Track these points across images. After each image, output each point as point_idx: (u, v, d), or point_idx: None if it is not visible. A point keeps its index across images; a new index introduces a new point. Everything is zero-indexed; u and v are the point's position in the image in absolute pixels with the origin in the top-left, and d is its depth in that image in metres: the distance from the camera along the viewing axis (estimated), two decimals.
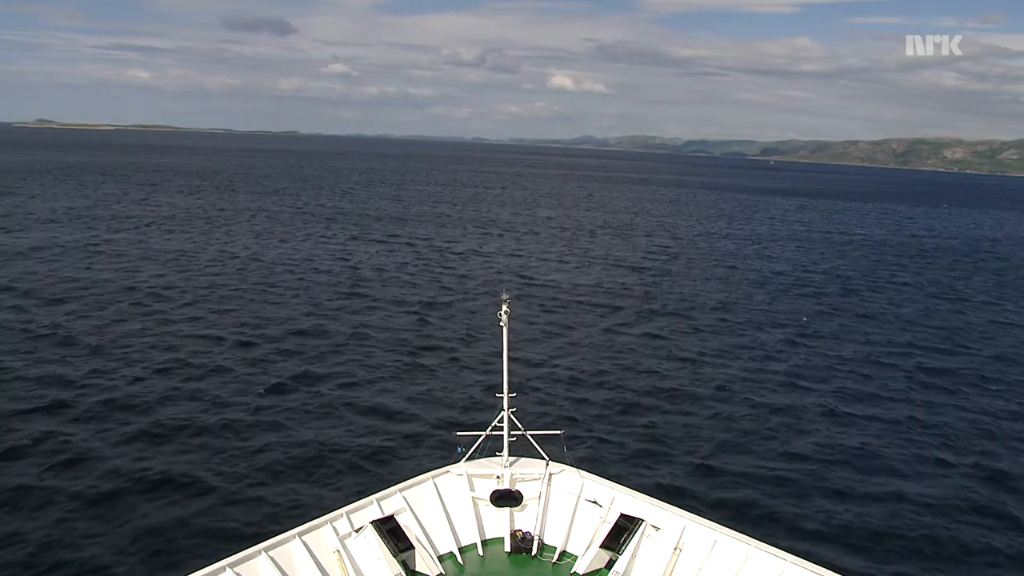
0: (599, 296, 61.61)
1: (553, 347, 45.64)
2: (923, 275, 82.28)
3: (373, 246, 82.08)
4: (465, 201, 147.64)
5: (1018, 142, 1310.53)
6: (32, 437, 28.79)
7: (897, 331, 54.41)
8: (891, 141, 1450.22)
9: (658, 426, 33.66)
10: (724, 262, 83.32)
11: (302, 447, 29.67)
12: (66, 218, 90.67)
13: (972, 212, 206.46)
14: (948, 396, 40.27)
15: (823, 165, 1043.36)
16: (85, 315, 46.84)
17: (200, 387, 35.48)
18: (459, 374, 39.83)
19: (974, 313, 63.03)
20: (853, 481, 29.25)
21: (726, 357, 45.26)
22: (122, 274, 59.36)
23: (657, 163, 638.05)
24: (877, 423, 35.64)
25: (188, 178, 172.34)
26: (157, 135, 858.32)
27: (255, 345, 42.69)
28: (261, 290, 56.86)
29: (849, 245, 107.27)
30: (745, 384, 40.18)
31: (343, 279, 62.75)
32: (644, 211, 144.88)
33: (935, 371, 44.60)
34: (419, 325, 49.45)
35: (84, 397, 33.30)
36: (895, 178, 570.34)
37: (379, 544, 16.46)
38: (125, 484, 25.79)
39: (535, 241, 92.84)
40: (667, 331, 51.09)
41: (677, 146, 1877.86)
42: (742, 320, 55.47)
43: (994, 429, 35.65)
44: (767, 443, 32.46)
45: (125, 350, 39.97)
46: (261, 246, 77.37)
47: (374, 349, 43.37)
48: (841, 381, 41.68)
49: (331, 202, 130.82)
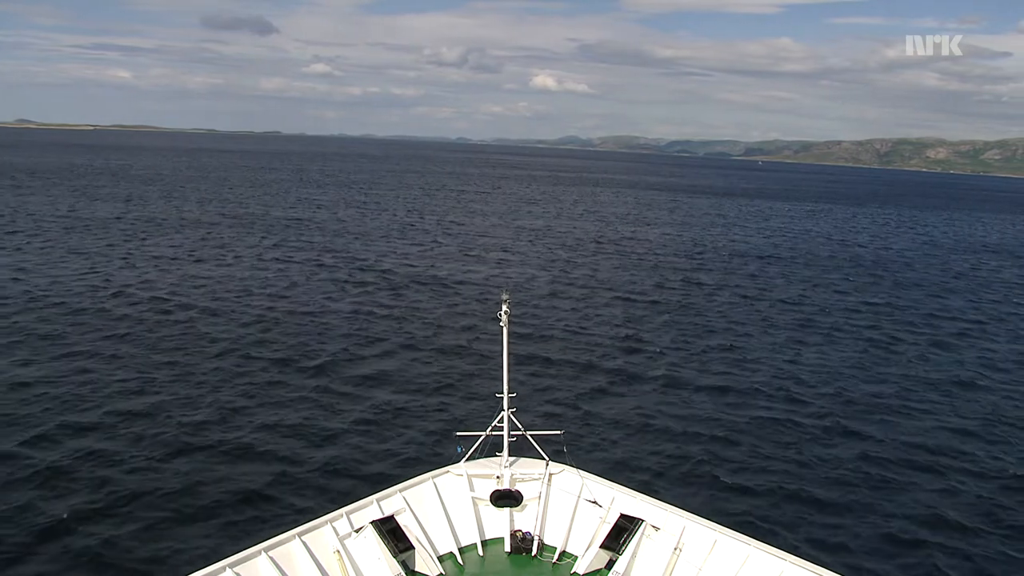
0: (598, 295, 61.75)
1: (553, 347, 45.63)
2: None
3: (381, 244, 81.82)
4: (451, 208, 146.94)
5: (1000, 142, 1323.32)
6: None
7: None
8: (874, 141, 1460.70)
9: (658, 426, 33.75)
10: (737, 271, 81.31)
11: (302, 447, 29.62)
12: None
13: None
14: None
15: (813, 165, 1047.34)
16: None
17: (227, 391, 35.26)
18: (459, 374, 39.77)
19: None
20: (845, 486, 29.42)
21: (728, 357, 45.43)
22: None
23: (642, 163, 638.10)
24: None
25: (85, 179, 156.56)
26: (132, 135, 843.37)
27: (248, 348, 42.43)
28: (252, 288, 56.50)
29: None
30: (749, 384, 40.35)
31: (344, 275, 62.54)
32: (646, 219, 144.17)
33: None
34: (419, 324, 49.43)
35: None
36: (892, 179, 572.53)
37: (379, 544, 16.42)
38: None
39: (532, 249, 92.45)
40: (668, 331, 51.24)
41: (661, 146, 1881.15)
42: (748, 321, 55.76)
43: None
44: (768, 443, 32.60)
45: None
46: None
47: (373, 349, 43.30)
48: (844, 382, 41.97)
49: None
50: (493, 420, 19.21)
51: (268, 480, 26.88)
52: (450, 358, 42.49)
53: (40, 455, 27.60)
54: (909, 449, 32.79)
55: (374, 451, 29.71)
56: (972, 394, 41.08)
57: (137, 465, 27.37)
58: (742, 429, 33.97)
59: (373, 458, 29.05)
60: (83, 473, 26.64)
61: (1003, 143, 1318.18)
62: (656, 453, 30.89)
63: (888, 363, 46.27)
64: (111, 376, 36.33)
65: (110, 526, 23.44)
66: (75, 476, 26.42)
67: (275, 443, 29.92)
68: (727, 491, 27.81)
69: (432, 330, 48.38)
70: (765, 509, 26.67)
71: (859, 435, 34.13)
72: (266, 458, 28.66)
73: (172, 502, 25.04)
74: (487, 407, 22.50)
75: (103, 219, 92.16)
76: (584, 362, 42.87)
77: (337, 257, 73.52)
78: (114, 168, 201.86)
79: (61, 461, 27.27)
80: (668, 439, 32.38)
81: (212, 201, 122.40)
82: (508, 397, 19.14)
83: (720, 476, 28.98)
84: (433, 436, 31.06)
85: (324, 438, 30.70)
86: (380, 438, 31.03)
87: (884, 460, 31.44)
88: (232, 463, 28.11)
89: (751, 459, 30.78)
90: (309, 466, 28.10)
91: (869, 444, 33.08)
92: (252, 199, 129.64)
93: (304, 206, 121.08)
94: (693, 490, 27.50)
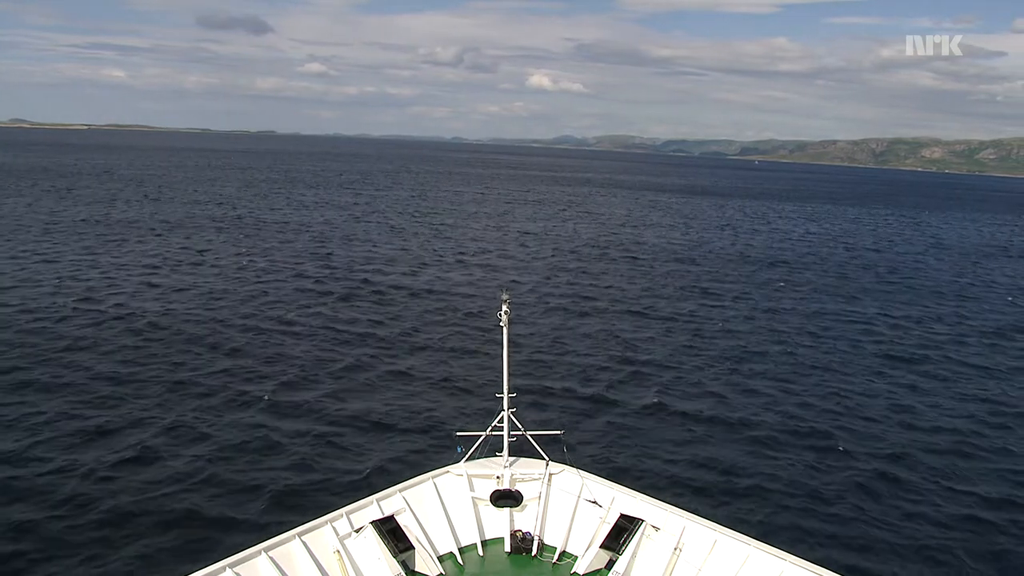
0: (600, 295, 61.75)
1: (554, 347, 45.62)
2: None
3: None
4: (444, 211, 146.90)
5: (995, 142, 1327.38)
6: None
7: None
8: (870, 141, 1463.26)
9: (659, 426, 33.77)
10: (743, 275, 79.34)
11: (301, 448, 29.58)
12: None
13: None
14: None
15: (810, 165, 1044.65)
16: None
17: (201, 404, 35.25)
18: (459, 374, 39.74)
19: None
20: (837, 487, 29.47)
21: (729, 358, 45.35)
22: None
23: (640, 163, 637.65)
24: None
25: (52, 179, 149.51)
26: (126, 134, 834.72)
27: (244, 349, 42.46)
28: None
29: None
30: (749, 385, 40.34)
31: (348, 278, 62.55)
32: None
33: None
34: (418, 325, 49.39)
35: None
36: (894, 178, 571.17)
37: (379, 544, 16.42)
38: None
39: (531, 248, 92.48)
40: (670, 331, 51.23)
41: (657, 146, 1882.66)
42: (749, 320, 55.77)
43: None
44: (769, 444, 32.56)
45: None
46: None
47: (373, 349, 43.26)
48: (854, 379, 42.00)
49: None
50: (493, 420, 19.22)
51: (268, 480, 26.82)
52: (450, 358, 42.42)
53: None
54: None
55: (374, 451, 29.67)
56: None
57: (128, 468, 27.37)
58: (743, 429, 33.96)
59: (373, 458, 28.99)
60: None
61: (998, 143, 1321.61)
62: (656, 453, 30.87)
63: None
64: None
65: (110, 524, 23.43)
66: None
67: (275, 443, 29.85)
68: (728, 491, 27.78)
69: (432, 330, 48.32)
70: (765, 509, 26.67)
71: (859, 431, 34.27)
72: (265, 458, 28.60)
73: (171, 502, 24.99)
74: (487, 407, 22.47)
75: (69, 220, 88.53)
76: (584, 362, 42.83)
77: (337, 258, 73.44)
78: (97, 169, 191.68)
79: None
80: (668, 439, 32.37)
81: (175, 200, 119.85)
82: (508, 397, 19.15)
83: (721, 476, 28.98)
84: (433, 436, 31.01)
85: (324, 438, 30.62)
86: (380, 438, 30.99)
87: (884, 459, 31.58)
88: (231, 463, 28.05)
89: (752, 459, 30.78)
90: (309, 466, 28.05)
91: (867, 444, 33.15)
92: (236, 200, 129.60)
93: (292, 207, 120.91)
94: (693, 490, 27.45)
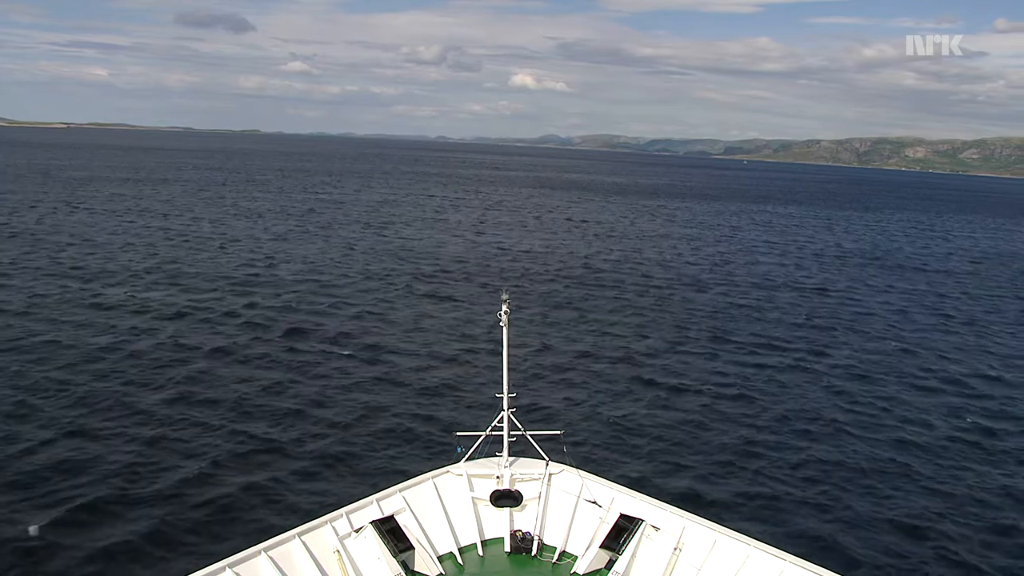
0: (599, 296, 61.88)
1: (554, 347, 45.66)
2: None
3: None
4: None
5: (978, 141, 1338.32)
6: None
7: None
8: (854, 140, 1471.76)
9: (659, 426, 33.82)
10: (743, 276, 78.48)
11: (301, 447, 29.60)
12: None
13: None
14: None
15: (803, 165, 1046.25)
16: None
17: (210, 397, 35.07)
18: (458, 374, 39.77)
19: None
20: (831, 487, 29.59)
21: (730, 358, 45.51)
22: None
23: (621, 163, 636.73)
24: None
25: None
26: (104, 133, 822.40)
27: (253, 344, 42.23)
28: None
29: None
30: (751, 384, 40.52)
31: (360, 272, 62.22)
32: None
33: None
34: (418, 324, 49.43)
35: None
36: (887, 179, 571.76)
37: (379, 544, 16.37)
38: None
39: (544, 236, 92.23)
40: (670, 332, 51.31)
41: (641, 145, 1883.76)
42: (749, 320, 56.03)
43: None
44: (770, 444, 32.70)
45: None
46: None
47: (373, 350, 43.21)
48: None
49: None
50: (493, 420, 19.20)
51: (267, 480, 26.78)
52: (449, 358, 42.43)
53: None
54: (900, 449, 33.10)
55: (374, 451, 29.66)
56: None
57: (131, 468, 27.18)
58: (744, 430, 34.02)
59: (373, 458, 28.99)
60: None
61: (981, 142, 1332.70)
62: (657, 453, 30.97)
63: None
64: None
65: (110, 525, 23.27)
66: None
67: (274, 443, 29.82)
68: (728, 491, 27.90)
69: (431, 330, 48.33)
70: (767, 508, 26.83)
71: (855, 431, 34.49)
72: (265, 458, 28.58)
73: (172, 502, 24.96)
74: (487, 407, 22.44)
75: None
76: (585, 362, 42.92)
77: (335, 261, 73.21)
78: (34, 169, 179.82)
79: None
80: (669, 439, 32.46)
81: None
82: (508, 397, 19.14)
83: (721, 477, 29.09)
84: (433, 436, 31.00)
85: (324, 438, 30.59)
86: (380, 437, 30.98)
87: (883, 459, 31.75)
88: (230, 462, 28.02)
89: (753, 460, 30.85)
90: (309, 466, 28.03)
91: (866, 444, 33.37)
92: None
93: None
94: (693, 490, 27.51)
